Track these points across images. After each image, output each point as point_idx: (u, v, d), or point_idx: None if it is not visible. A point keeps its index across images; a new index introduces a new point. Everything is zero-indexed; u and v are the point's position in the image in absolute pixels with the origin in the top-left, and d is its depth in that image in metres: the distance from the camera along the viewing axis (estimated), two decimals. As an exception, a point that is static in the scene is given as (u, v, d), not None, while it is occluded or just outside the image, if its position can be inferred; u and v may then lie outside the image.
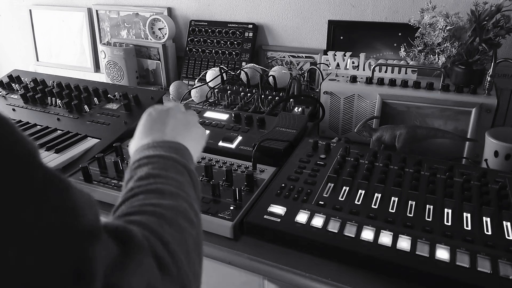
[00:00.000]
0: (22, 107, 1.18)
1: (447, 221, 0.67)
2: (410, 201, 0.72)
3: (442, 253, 0.61)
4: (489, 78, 0.95)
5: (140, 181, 0.47)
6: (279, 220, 0.69)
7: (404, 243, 0.63)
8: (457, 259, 0.59)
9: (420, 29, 1.06)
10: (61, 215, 0.29)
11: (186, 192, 0.48)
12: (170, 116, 0.60)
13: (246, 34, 1.51)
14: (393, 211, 0.70)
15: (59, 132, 1.05)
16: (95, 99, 1.16)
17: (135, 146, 0.57)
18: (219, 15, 1.57)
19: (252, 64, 1.39)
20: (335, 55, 1.14)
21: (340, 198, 0.74)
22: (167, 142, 0.54)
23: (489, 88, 0.96)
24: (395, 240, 0.63)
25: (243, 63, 1.48)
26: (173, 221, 0.42)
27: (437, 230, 0.65)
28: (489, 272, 0.57)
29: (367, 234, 0.65)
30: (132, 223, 0.39)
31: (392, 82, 1.04)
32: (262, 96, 1.21)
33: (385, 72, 1.09)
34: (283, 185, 0.78)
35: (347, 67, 1.14)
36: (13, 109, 1.18)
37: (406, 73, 1.07)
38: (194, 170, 0.53)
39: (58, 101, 1.17)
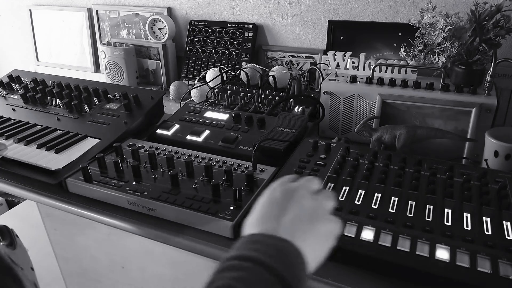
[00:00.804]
0: (22, 107, 1.18)
1: (447, 221, 0.67)
2: (410, 201, 0.72)
3: (442, 253, 0.61)
4: (489, 78, 0.95)
5: None
6: (279, 220, 0.69)
7: (404, 243, 0.63)
8: (457, 259, 0.59)
9: (420, 29, 1.06)
10: None
11: None
12: (294, 201, 0.48)
13: (246, 34, 1.51)
14: (393, 211, 0.70)
15: (59, 132, 1.05)
16: (95, 99, 1.16)
17: (246, 228, 0.48)
18: (219, 15, 1.57)
19: (252, 64, 1.39)
20: (335, 55, 1.14)
21: (340, 198, 0.74)
22: (276, 240, 0.43)
23: (489, 88, 0.96)
24: (395, 240, 0.63)
25: (243, 63, 1.48)
26: None
27: (437, 230, 0.65)
28: (489, 272, 0.57)
29: (367, 234, 0.65)
30: None
31: (392, 82, 1.04)
32: (262, 96, 1.21)
33: (385, 72, 1.09)
34: (283, 185, 0.78)
35: (347, 67, 1.14)
36: (13, 109, 1.18)
37: (406, 73, 1.07)
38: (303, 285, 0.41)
39: (58, 101, 1.17)
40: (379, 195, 0.74)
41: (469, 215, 0.68)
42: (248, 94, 1.25)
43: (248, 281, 0.39)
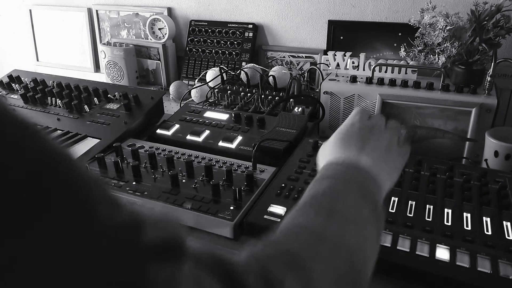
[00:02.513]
0: (22, 107, 1.18)
1: (447, 221, 0.67)
2: (410, 201, 0.72)
3: (442, 253, 0.61)
4: (489, 78, 0.95)
5: (313, 193, 0.45)
6: (279, 220, 0.69)
7: (404, 243, 0.63)
8: (457, 259, 0.59)
9: (420, 29, 1.06)
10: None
11: (357, 220, 0.43)
12: (374, 134, 0.55)
13: (246, 34, 1.51)
14: (393, 211, 0.70)
15: (59, 132, 1.05)
16: (95, 99, 1.16)
17: (327, 153, 0.54)
18: (219, 15, 1.57)
19: (252, 64, 1.39)
20: (335, 55, 1.14)
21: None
22: (357, 166, 0.49)
23: (489, 88, 0.96)
24: (395, 240, 0.63)
25: (243, 63, 1.48)
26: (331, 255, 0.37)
27: (437, 230, 0.65)
28: (489, 272, 0.57)
29: (367, 234, 0.65)
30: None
31: (392, 82, 1.04)
32: (262, 96, 1.21)
33: (385, 72, 1.09)
34: (283, 185, 0.78)
35: (347, 67, 1.14)
36: (13, 109, 1.18)
37: (406, 73, 1.07)
38: (381, 204, 0.47)
39: (58, 101, 1.17)
40: (379, 195, 0.74)
41: (469, 215, 0.68)
42: (248, 94, 1.25)
43: (346, 182, 0.46)
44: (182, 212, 0.74)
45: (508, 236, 0.64)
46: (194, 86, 1.39)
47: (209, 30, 1.56)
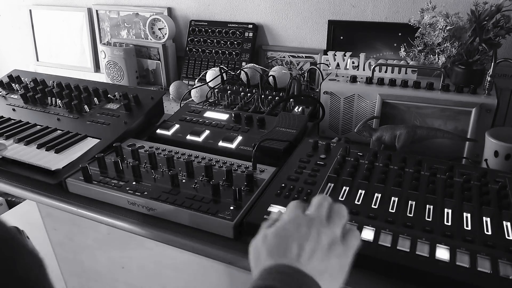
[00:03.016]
0: (22, 107, 1.18)
1: (447, 221, 0.67)
2: (410, 201, 0.72)
3: (442, 253, 0.61)
4: (489, 78, 0.95)
5: None
6: (279, 220, 0.69)
7: (404, 243, 0.63)
8: (457, 259, 0.59)
9: (420, 29, 1.06)
10: None
11: None
12: (311, 237, 0.48)
13: (246, 34, 1.51)
14: (393, 211, 0.70)
15: (59, 132, 1.05)
16: (95, 99, 1.16)
17: (262, 257, 0.48)
18: (219, 15, 1.57)
19: (252, 64, 1.39)
20: (335, 55, 1.14)
21: (340, 198, 0.74)
22: (295, 273, 0.44)
23: (489, 88, 0.96)
24: (395, 240, 0.63)
25: (243, 63, 1.48)
26: None
27: (437, 230, 0.65)
28: (489, 272, 0.57)
29: (367, 234, 0.65)
30: None
31: (392, 82, 1.04)
32: (262, 96, 1.21)
33: (385, 72, 1.09)
34: (283, 185, 0.78)
35: (347, 67, 1.14)
36: (13, 109, 1.18)
37: (406, 73, 1.07)
38: None
39: (58, 101, 1.17)
40: (379, 195, 0.74)
41: (469, 215, 0.68)
42: (248, 94, 1.25)
43: None
44: (182, 212, 0.74)
45: (508, 236, 0.64)
46: (194, 86, 1.39)
47: (209, 30, 1.56)
